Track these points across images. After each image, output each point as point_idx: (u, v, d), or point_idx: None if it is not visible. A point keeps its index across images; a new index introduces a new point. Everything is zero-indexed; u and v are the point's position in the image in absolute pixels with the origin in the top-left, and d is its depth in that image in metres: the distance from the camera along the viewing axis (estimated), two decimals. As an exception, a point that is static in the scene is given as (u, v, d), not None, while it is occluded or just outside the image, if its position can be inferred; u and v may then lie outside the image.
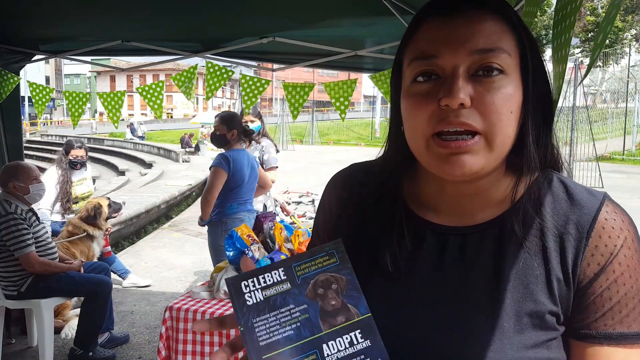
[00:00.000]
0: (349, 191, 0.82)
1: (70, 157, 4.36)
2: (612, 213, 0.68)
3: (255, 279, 0.65)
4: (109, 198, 4.31)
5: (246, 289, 0.65)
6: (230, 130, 3.49)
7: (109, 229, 4.24)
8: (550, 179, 0.72)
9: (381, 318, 0.69)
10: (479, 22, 0.65)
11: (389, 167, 0.77)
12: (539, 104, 0.69)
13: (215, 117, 3.65)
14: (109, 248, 4.47)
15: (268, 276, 0.66)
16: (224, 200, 3.47)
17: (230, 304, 2.35)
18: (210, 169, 3.50)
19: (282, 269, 0.66)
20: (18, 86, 3.80)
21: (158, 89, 3.86)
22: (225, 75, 3.69)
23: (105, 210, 4.10)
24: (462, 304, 0.68)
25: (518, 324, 0.65)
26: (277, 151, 4.23)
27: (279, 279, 0.65)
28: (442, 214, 0.74)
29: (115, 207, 4.23)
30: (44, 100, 3.85)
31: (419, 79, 0.67)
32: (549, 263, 0.67)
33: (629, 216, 0.69)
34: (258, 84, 3.81)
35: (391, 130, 0.76)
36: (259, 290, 0.65)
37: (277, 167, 4.09)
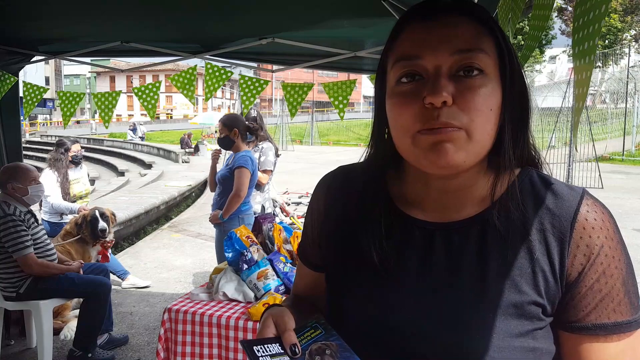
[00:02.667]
0: (336, 192, 0.85)
1: (73, 154, 4.39)
2: (592, 206, 0.72)
3: (262, 346, 0.71)
4: (95, 213, 3.97)
5: (258, 352, 0.70)
6: (232, 130, 3.63)
7: (104, 243, 4.01)
8: (531, 175, 0.76)
9: (372, 311, 0.74)
10: (459, 25, 0.69)
11: (374, 167, 0.80)
12: (517, 103, 0.72)
13: (219, 121, 3.80)
14: (99, 257, 4.14)
15: (270, 346, 0.71)
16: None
17: (228, 306, 2.35)
18: (235, 169, 3.57)
19: (277, 344, 0.71)
20: (17, 87, 3.79)
21: (154, 89, 3.86)
22: (224, 76, 3.68)
23: (87, 223, 3.90)
24: (449, 296, 0.71)
25: (503, 313, 0.68)
26: (278, 155, 4.22)
27: (278, 351, 0.71)
28: (427, 210, 0.77)
29: (94, 227, 3.89)
30: (34, 100, 3.84)
31: (403, 79, 0.70)
32: (533, 255, 0.70)
33: (607, 209, 0.73)
34: (257, 84, 3.81)
35: (375, 131, 0.80)
36: (268, 356, 0.70)
37: (271, 170, 4.09)
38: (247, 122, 3.83)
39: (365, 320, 0.74)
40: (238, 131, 3.63)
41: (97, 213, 3.95)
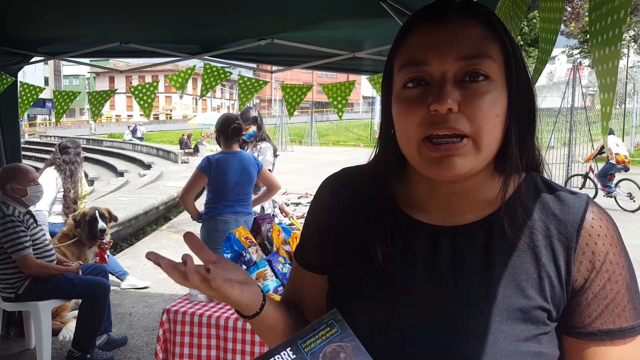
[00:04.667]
0: (339, 195, 0.85)
1: (83, 155, 4.43)
2: (597, 213, 0.72)
3: (274, 358, 0.68)
4: (95, 213, 3.95)
5: None
6: (217, 133, 3.59)
7: (104, 244, 3.99)
8: (536, 180, 0.76)
9: (375, 315, 0.73)
10: (465, 29, 0.68)
11: (379, 169, 0.80)
12: (523, 108, 0.72)
13: None
14: (97, 259, 4.10)
15: (279, 357, 0.68)
16: (210, 201, 3.55)
17: (227, 307, 2.35)
18: None
19: (289, 348, 0.69)
20: (16, 87, 3.79)
21: (152, 89, 3.86)
22: (222, 76, 3.70)
23: (85, 223, 3.88)
24: (455, 300, 0.70)
25: (509, 318, 0.68)
26: (276, 155, 4.20)
27: (289, 359, 0.68)
28: (432, 214, 0.76)
29: (92, 227, 3.87)
30: (30, 100, 3.83)
31: (409, 85, 0.70)
32: (539, 261, 0.71)
33: (610, 217, 0.74)
34: (255, 84, 3.84)
35: (382, 133, 0.79)
36: None
37: (270, 170, 4.07)
38: (235, 122, 3.65)
39: (369, 325, 0.73)
40: (219, 134, 3.56)
41: (96, 213, 3.94)
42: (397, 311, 0.72)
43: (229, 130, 3.49)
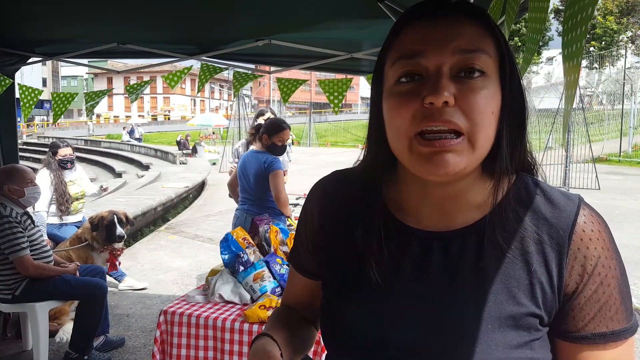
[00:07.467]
0: (330, 200, 0.83)
1: (59, 157, 4.37)
2: (589, 216, 0.71)
3: None
4: (114, 218, 3.91)
5: None
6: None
7: (114, 250, 3.96)
8: (527, 183, 0.75)
9: (368, 322, 0.73)
10: (461, 24, 0.67)
11: (369, 172, 0.78)
12: (515, 108, 0.70)
13: None
14: (108, 264, 4.06)
15: None
16: None
17: (224, 308, 2.34)
18: None
19: None
20: (13, 88, 3.79)
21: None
22: (218, 70, 3.73)
23: (102, 227, 3.87)
24: (447, 307, 0.70)
25: (501, 325, 0.68)
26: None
27: None
28: (423, 219, 0.75)
29: (110, 232, 3.85)
30: (31, 102, 3.83)
31: (403, 79, 0.68)
32: (530, 266, 0.70)
33: (603, 219, 0.73)
34: (251, 75, 3.87)
35: (371, 135, 0.77)
36: None
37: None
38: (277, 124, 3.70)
39: (360, 331, 0.73)
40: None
41: (114, 218, 3.91)
42: (390, 318, 0.71)
43: (261, 130, 3.62)
